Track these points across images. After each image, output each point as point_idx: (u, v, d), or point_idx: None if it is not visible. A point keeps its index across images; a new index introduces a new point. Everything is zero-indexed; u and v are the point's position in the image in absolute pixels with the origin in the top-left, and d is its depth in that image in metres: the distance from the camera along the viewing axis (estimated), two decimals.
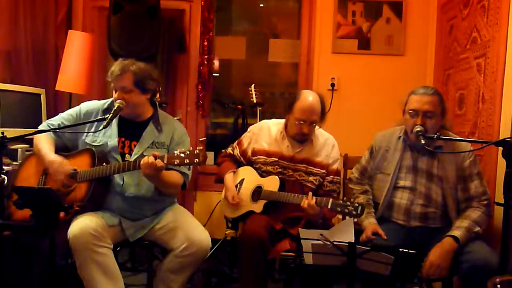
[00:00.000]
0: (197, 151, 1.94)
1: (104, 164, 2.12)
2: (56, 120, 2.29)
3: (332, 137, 2.52)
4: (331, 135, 2.54)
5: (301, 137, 2.41)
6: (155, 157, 1.98)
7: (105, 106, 2.29)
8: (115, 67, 2.18)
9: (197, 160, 1.94)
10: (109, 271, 2.05)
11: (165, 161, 1.97)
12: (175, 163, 1.96)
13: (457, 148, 2.18)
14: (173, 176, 2.20)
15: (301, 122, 2.34)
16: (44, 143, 2.21)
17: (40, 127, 2.28)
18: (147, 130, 2.25)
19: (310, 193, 2.20)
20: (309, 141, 2.44)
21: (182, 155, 1.95)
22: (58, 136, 2.28)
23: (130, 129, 2.24)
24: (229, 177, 2.49)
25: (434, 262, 1.97)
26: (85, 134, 2.22)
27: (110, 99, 2.31)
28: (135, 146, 2.22)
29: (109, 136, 2.22)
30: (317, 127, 2.52)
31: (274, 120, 2.58)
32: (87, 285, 2.05)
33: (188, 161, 1.95)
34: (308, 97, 2.36)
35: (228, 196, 2.44)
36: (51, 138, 2.26)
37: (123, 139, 2.23)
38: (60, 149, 2.27)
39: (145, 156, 2.05)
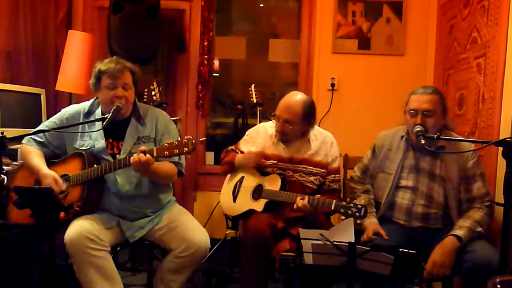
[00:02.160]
0: (185, 140, 1.93)
1: (95, 166, 2.10)
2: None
3: (331, 135, 2.50)
4: (329, 133, 2.52)
5: (279, 136, 2.40)
6: (144, 152, 1.97)
7: (86, 109, 2.26)
8: (112, 64, 2.13)
9: (186, 149, 1.93)
10: (107, 273, 2.04)
11: (155, 154, 1.97)
12: (165, 154, 1.96)
13: (460, 149, 2.17)
14: (165, 167, 2.19)
15: (278, 120, 2.34)
16: (34, 158, 2.17)
17: (24, 141, 2.23)
18: (130, 127, 2.22)
19: (302, 198, 2.19)
20: (306, 140, 2.43)
21: (171, 146, 1.95)
22: (45, 147, 2.24)
23: (115, 129, 2.19)
24: (239, 154, 2.49)
25: (437, 261, 1.98)
26: (73, 139, 2.20)
27: (89, 102, 2.28)
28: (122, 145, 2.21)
29: (95, 139, 2.19)
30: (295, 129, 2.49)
31: (270, 123, 2.56)
32: None
33: (177, 152, 1.94)
34: (290, 96, 2.35)
35: (245, 155, 2.43)
36: (39, 151, 2.22)
37: (110, 140, 2.21)
38: (50, 158, 2.25)
39: (133, 153, 2.04)
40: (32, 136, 2.23)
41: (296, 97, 2.34)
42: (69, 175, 2.14)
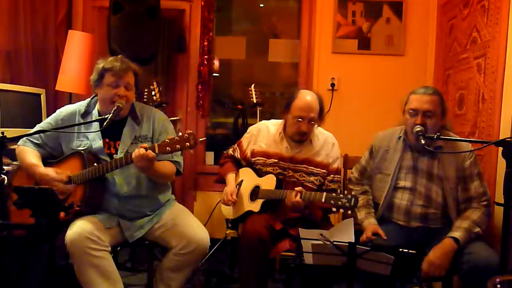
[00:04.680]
0: (187, 135, 1.92)
1: (95, 164, 2.09)
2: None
3: (332, 136, 2.51)
4: (331, 134, 2.53)
5: (300, 136, 2.39)
6: (146, 149, 1.96)
7: (83, 110, 2.24)
8: (117, 62, 2.13)
9: (188, 144, 1.91)
10: (107, 274, 2.04)
11: (157, 151, 1.95)
12: (167, 150, 1.94)
13: (457, 148, 2.17)
14: (166, 166, 2.19)
15: (299, 120, 2.33)
16: (31, 158, 2.17)
17: (20, 143, 2.22)
18: (126, 127, 2.21)
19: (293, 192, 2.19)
20: (308, 141, 2.43)
21: (172, 141, 1.93)
22: (41, 148, 2.23)
23: (112, 129, 2.15)
24: (231, 177, 2.50)
25: (433, 262, 1.98)
26: (70, 140, 2.19)
27: (85, 102, 2.27)
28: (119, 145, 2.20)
29: (93, 139, 2.18)
30: (315, 126, 2.52)
31: (272, 121, 2.57)
32: None
33: (179, 147, 1.92)
34: (306, 96, 2.36)
35: (228, 191, 2.43)
36: (35, 151, 2.21)
37: (107, 140, 2.20)
38: (47, 159, 2.24)
39: (130, 153, 2.02)
40: (28, 138, 2.22)
41: (310, 95, 2.37)
42: (70, 175, 2.14)
